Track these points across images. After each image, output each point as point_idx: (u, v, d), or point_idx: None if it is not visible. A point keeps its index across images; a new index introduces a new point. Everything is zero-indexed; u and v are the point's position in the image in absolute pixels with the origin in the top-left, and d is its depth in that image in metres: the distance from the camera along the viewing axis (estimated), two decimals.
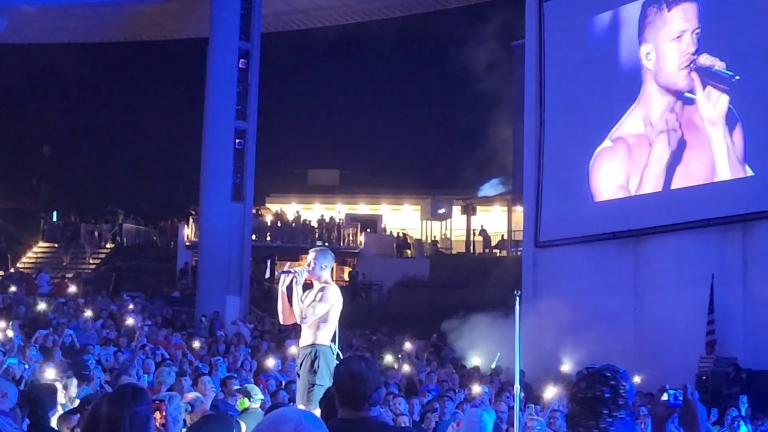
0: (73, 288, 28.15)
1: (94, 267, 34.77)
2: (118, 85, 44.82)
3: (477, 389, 14.28)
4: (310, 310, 7.61)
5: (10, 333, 16.69)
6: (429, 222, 41.24)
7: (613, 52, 22.77)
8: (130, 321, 21.38)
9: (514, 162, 30.72)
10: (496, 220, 40.33)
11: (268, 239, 35.30)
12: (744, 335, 19.23)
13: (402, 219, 42.41)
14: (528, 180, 24.69)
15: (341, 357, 7.23)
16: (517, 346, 9.25)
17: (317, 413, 5.13)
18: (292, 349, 16.23)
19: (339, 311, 7.74)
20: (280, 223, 36.63)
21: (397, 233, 39.17)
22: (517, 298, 9.49)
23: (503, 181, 38.70)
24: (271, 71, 31.98)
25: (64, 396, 9.39)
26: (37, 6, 30.09)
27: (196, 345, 19.18)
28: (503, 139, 32.27)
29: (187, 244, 34.07)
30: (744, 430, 11.58)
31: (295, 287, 7.69)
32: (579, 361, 18.37)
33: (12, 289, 26.56)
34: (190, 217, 34.39)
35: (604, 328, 19.89)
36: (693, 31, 20.68)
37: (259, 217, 35.99)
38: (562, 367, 19.41)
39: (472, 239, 39.27)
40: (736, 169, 19.73)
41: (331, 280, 7.91)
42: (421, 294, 32.57)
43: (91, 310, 22.28)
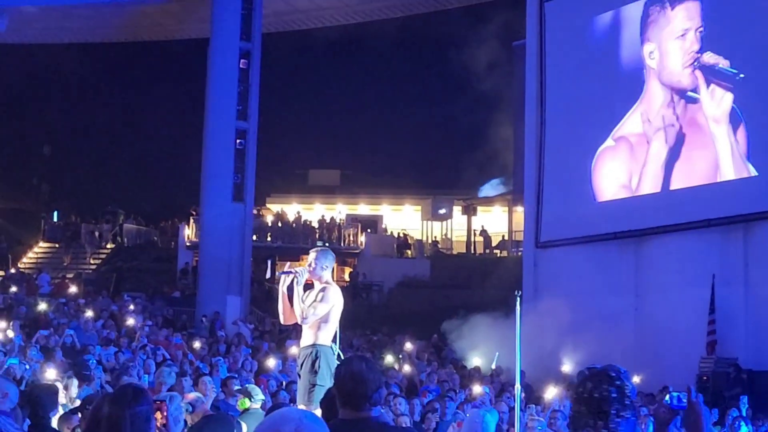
0: (73, 288, 28.14)
1: (94, 267, 34.75)
2: (118, 86, 44.79)
3: (478, 389, 14.27)
4: (311, 311, 7.60)
5: (11, 333, 16.71)
6: (430, 222, 41.20)
7: (614, 52, 22.76)
8: (130, 321, 21.39)
9: (515, 162, 30.71)
10: (496, 221, 40.30)
11: (269, 239, 35.28)
12: (745, 335, 19.22)
13: (403, 219, 42.38)
14: (529, 180, 24.68)
15: (342, 357, 7.23)
16: (518, 346, 9.25)
17: (318, 413, 5.13)
18: (293, 350, 16.22)
19: (340, 311, 7.74)
20: (281, 224, 36.61)
21: (398, 233, 39.15)
22: (517, 299, 9.49)
23: (504, 181, 38.67)
24: (272, 71, 31.99)
25: (64, 396, 9.39)
26: (38, 6, 30.09)
27: (197, 345, 19.18)
28: (504, 140, 32.25)
29: (187, 244, 34.05)
30: (745, 430, 11.57)
31: (296, 287, 7.68)
32: (580, 362, 18.37)
33: (13, 290, 26.56)
34: (191, 218, 34.36)
35: (605, 329, 19.87)
36: (696, 29, 20.67)
37: (260, 217, 35.96)
38: (563, 368, 19.39)
39: (472, 239, 39.23)
40: (740, 167, 19.69)
41: (332, 281, 7.90)
42: (421, 294, 32.55)
43: (92, 310, 22.28)
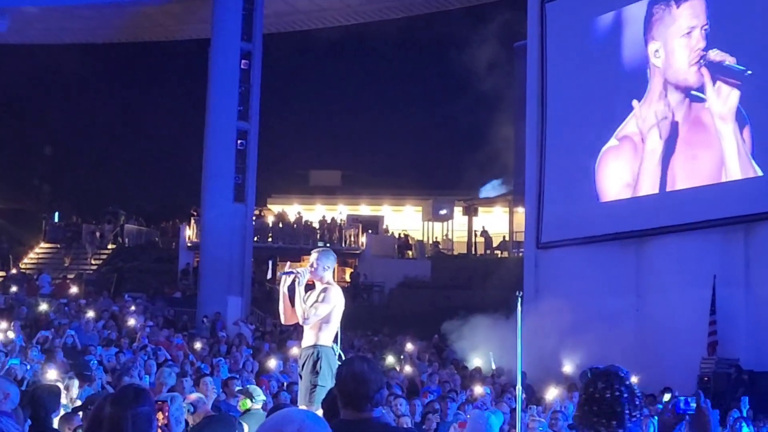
0: (74, 289, 28.14)
1: (95, 268, 34.75)
2: (120, 86, 44.77)
3: (479, 390, 14.27)
4: (313, 311, 7.60)
5: (12, 334, 16.71)
6: (430, 223, 41.18)
7: (615, 52, 22.73)
8: (131, 322, 21.38)
9: (516, 163, 30.67)
10: (497, 221, 40.30)
11: (270, 240, 35.28)
12: (746, 336, 19.20)
13: (403, 220, 42.38)
14: (530, 181, 24.67)
15: (343, 358, 7.23)
16: (519, 347, 9.25)
17: (319, 414, 5.13)
18: (294, 350, 16.23)
19: (341, 312, 7.74)
20: (282, 224, 36.61)
21: (399, 234, 39.15)
22: (518, 299, 9.49)
23: (505, 181, 38.63)
24: (273, 72, 31.98)
25: (65, 397, 9.39)
26: (38, 7, 30.10)
27: (198, 346, 19.17)
28: (505, 140, 32.23)
29: (188, 244, 34.05)
30: (746, 431, 11.58)
31: (298, 288, 7.68)
32: (581, 362, 18.38)
33: (13, 290, 26.54)
34: (192, 218, 34.35)
35: (606, 329, 19.85)
36: (702, 26, 20.63)
37: (261, 217, 35.96)
38: (564, 368, 19.40)
39: (473, 240, 39.23)
40: (746, 166, 19.61)
41: (333, 281, 7.90)
42: (422, 295, 32.56)
43: (93, 310, 22.25)
